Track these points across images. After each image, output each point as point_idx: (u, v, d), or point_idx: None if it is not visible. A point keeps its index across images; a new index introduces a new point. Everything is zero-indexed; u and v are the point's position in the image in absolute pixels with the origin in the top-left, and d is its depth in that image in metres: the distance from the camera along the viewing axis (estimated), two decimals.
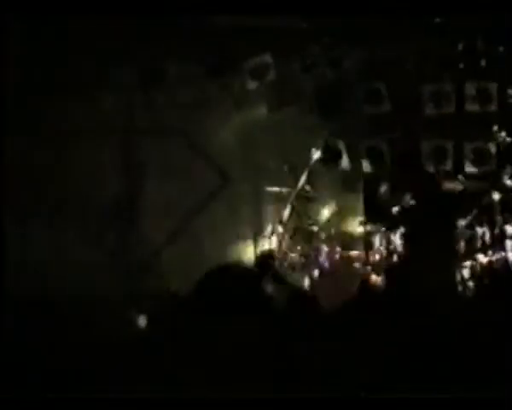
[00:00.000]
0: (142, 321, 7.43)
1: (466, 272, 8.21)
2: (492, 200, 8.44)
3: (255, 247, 8.64)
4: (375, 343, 4.71)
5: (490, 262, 8.47)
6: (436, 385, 4.23)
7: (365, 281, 8.26)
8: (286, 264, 8.45)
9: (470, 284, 7.96)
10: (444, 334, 4.68)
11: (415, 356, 4.47)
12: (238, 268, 7.86)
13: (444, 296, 7.33)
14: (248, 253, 8.62)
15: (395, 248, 8.34)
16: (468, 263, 8.45)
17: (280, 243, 8.50)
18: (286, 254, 8.50)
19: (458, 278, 8.17)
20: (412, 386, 4.21)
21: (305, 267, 8.46)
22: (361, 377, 4.40)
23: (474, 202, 8.42)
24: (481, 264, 8.45)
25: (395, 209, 8.41)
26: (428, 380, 4.27)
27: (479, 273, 8.12)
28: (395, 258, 8.39)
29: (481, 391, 4.08)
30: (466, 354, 4.34)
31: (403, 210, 8.44)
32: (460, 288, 8.04)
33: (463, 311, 5.09)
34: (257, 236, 8.71)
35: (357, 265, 8.34)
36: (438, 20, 8.46)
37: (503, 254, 8.40)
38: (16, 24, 8.22)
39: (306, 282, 8.38)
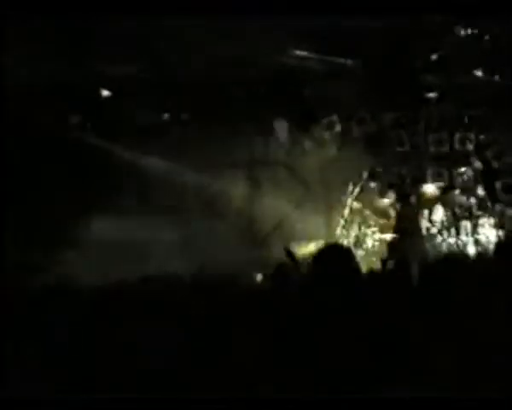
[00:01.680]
0: (259, 278, 9.18)
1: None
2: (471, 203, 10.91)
3: (327, 233, 10.92)
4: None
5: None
6: (435, 385, 3.81)
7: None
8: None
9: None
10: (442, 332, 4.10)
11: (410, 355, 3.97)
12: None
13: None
14: (323, 236, 10.69)
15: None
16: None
17: (343, 229, 11.08)
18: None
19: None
20: (411, 385, 3.80)
21: (359, 245, 10.99)
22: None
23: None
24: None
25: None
26: (427, 379, 3.84)
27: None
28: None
29: (481, 391, 3.68)
30: (465, 352, 3.89)
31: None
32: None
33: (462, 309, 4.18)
34: (328, 225, 11.13)
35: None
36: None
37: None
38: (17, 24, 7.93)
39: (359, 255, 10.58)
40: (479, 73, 11.12)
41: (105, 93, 11.43)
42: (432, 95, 11.38)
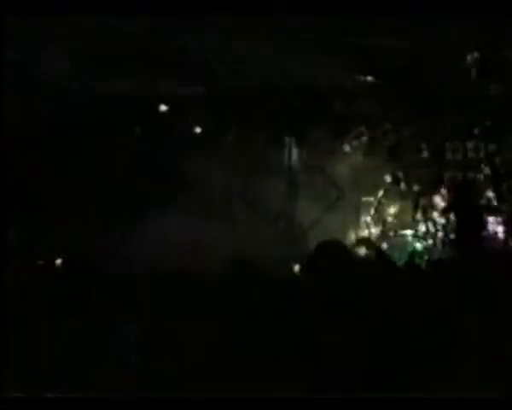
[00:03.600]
0: (297, 269, 9.76)
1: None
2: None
3: (356, 230, 11.65)
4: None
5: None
6: (435, 385, 3.64)
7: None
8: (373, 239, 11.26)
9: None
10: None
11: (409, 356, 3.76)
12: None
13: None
14: (352, 233, 11.53)
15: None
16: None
17: (369, 227, 11.76)
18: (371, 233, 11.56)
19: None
20: (410, 385, 3.62)
21: (381, 241, 11.52)
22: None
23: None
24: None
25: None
26: (427, 380, 3.66)
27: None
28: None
29: (481, 391, 3.53)
30: (465, 353, 3.74)
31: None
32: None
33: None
34: (356, 224, 11.80)
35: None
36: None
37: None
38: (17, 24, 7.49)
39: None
40: (493, 87, 11.80)
41: (161, 107, 12.42)
42: (447, 107, 11.96)
